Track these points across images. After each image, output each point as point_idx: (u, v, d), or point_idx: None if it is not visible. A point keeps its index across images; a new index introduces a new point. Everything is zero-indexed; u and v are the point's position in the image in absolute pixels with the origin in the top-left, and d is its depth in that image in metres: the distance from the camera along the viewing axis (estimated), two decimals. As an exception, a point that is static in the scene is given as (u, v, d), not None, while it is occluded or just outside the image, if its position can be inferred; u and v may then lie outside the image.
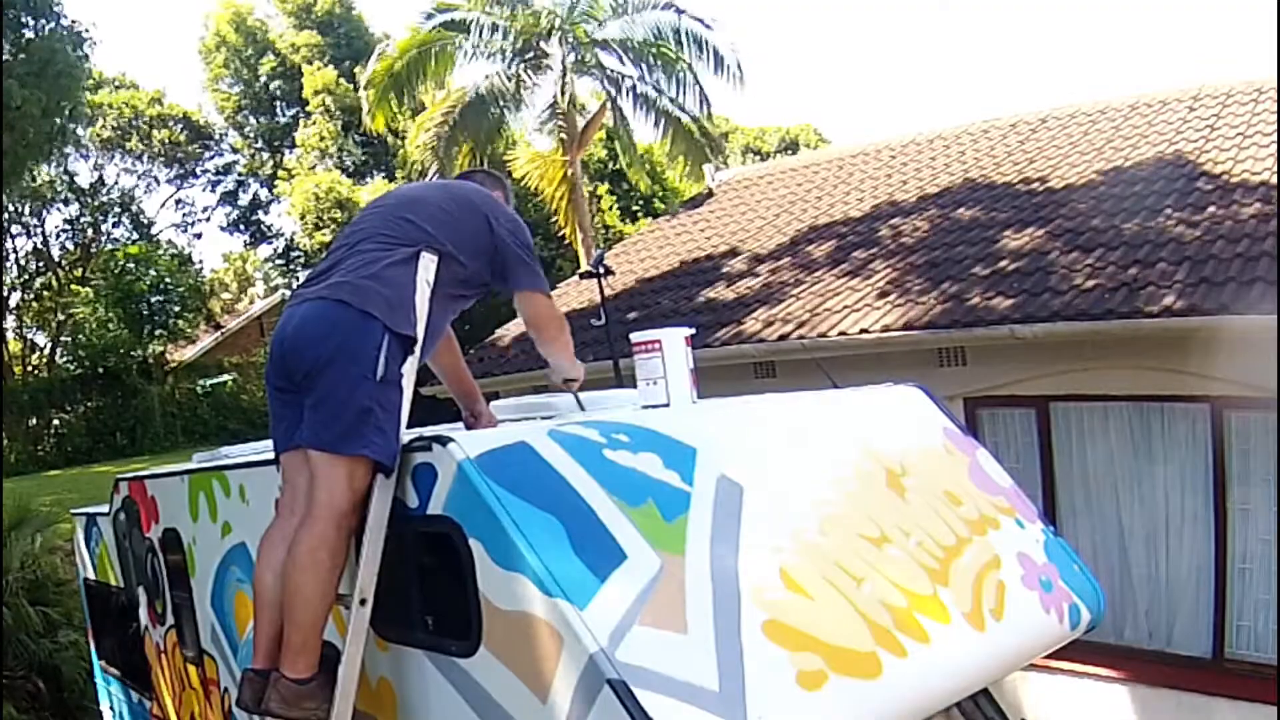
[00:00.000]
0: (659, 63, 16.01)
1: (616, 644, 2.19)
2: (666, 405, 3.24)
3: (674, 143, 16.51)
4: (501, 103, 16.28)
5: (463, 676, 2.54)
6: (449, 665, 2.58)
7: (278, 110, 30.97)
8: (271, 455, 3.17)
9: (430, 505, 2.61)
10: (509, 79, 16.10)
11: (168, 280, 24.96)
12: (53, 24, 13.57)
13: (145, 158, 30.56)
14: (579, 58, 16.31)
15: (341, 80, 28.12)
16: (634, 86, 16.31)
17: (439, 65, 16.00)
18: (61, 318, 26.57)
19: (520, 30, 15.80)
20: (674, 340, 3.28)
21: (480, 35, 15.88)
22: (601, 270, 4.57)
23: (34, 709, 8.22)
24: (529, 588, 2.28)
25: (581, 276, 4.59)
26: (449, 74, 16.25)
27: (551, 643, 2.25)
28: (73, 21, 13.97)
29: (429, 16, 16.12)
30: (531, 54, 16.15)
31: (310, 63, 28.80)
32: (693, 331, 3.39)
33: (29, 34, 13.18)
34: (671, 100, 16.27)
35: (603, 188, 27.26)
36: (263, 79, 30.18)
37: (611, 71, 16.49)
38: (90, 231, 29.67)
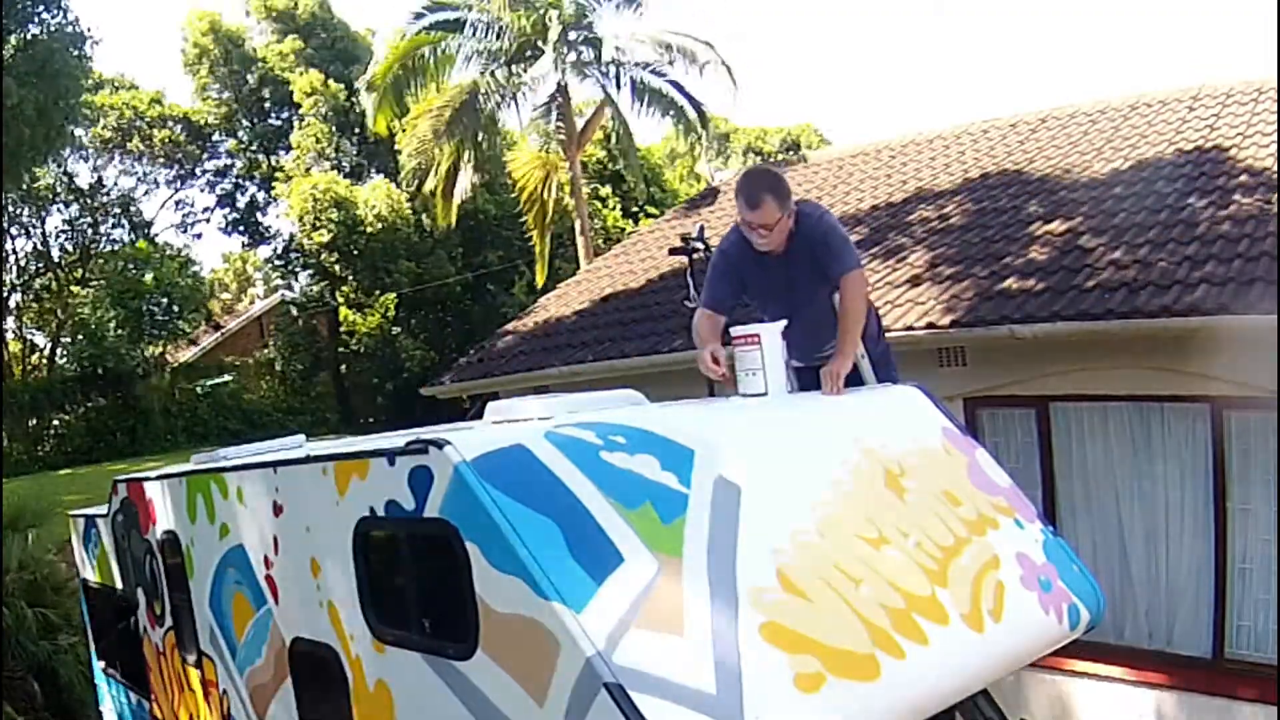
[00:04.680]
0: (663, 55, 16.01)
1: (613, 647, 2.19)
2: (765, 394, 3.44)
3: (680, 135, 16.53)
4: (496, 102, 16.30)
5: (460, 679, 2.53)
6: (446, 668, 2.58)
7: (269, 114, 30.93)
8: (269, 458, 3.18)
9: (427, 508, 2.61)
10: (505, 78, 16.11)
11: (167, 281, 24.96)
12: (57, 18, 13.56)
13: (145, 158, 30.52)
14: (577, 56, 16.31)
15: (330, 82, 28.11)
16: (633, 81, 16.30)
17: (438, 66, 16.00)
18: (61, 318, 26.57)
19: (517, 30, 15.78)
20: (771, 334, 3.53)
21: (476, 34, 15.88)
22: (701, 245, 4.44)
23: (31, 709, 8.22)
24: (525, 591, 2.28)
25: (672, 252, 4.60)
26: (447, 75, 16.27)
27: (548, 646, 2.24)
28: (74, 20, 13.98)
29: (418, 16, 16.13)
30: (529, 53, 16.14)
31: (295, 70, 28.78)
32: (785, 323, 3.64)
33: (33, 29, 13.17)
34: (678, 89, 16.25)
35: (605, 190, 27.30)
36: (250, 85, 30.12)
37: (609, 66, 16.47)
38: (90, 232, 29.65)
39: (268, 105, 30.45)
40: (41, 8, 13.20)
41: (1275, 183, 6.74)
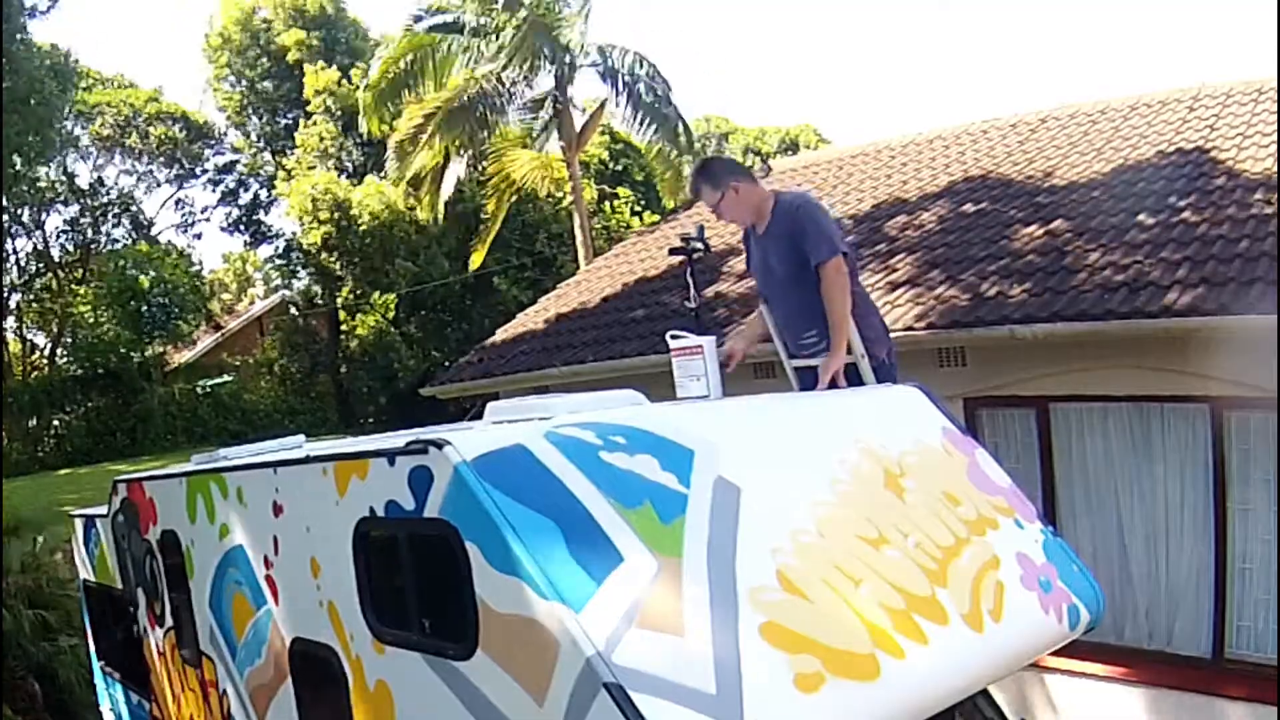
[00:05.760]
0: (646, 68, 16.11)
1: (613, 647, 2.18)
2: (707, 397, 3.75)
3: (665, 143, 16.61)
4: (495, 103, 16.31)
5: (460, 679, 2.53)
6: (446, 668, 2.58)
7: (279, 111, 30.92)
8: (269, 458, 3.18)
9: (427, 508, 2.61)
10: (504, 79, 16.11)
11: (167, 281, 24.97)
12: (29, 54, 13.58)
13: (145, 158, 30.53)
14: (571, 60, 16.31)
15: (343, 81, 28.08)
16: (631, 85, 16.31)
17: (438, 68, 16.01)
18: (61, 318, 26.59)
19: (515, 31, 15.77)
20: (710, 344, 3.93)
21: (475, 37, 15.89)
22: (700, 247, 4.55)
23: (31, 710, 8.22)
24: (526, 591, 2.28)
25: (672, 252, 4.71)
26: (446, 77, 16.27)
27: (548, 646, 2.24)
28: (52, 46, 14.01)
29: (418, 19, 16.17)
30: (528, 54, 16.14)
31: (311, 62, 28.75)
32: (714, 339, 4.03)
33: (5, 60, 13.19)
34: (665, 98, 16.32)
35: (623, 191, 27.33)
36: (265, 79, 30.11)
37: (608, 68, 16.48)
38: (90, 232, 29.66)
39: (278, 101, 30.39)
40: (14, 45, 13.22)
41: (1275, 183, 6.74)
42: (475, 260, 18.84)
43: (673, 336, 4.00)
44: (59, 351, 27.04)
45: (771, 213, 4.27)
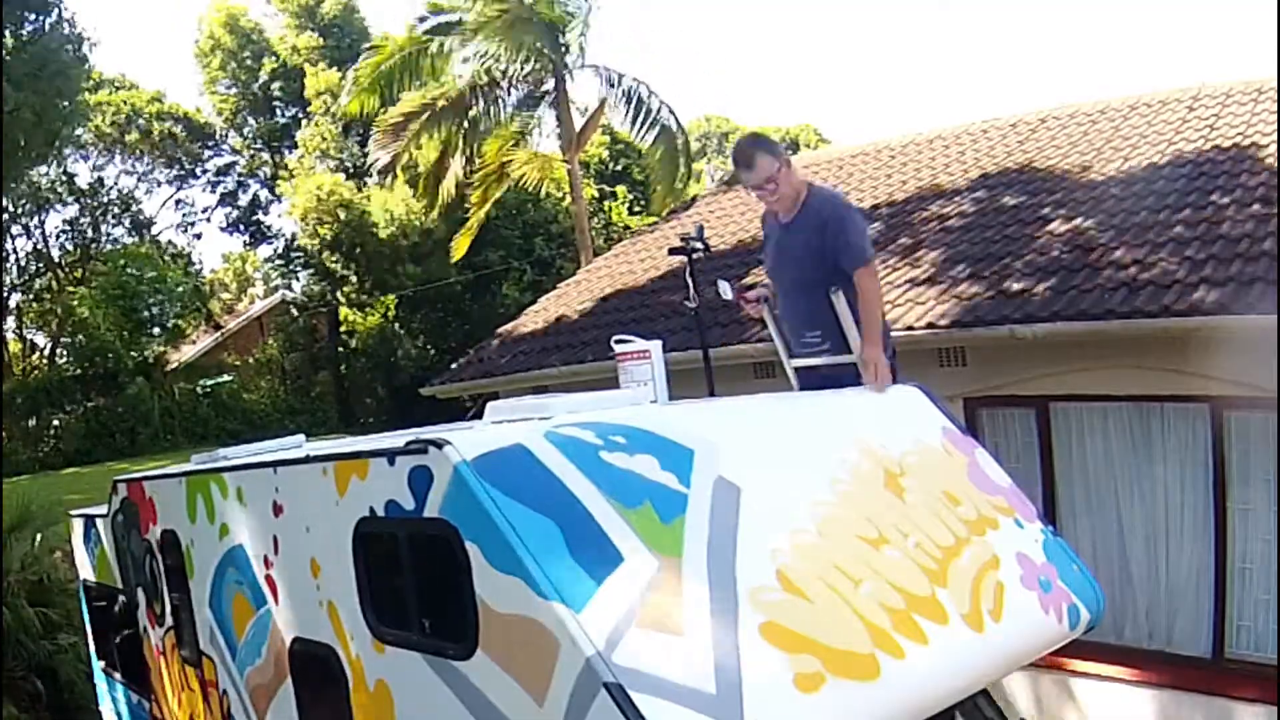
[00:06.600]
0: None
1: (613, 647, 2.19)
2: (655, 401, 3.64)
3: (658, 144, 16.67)
4: (495, 102, 16.31)
5: (460, 679, 2.54)
6: (446, 668, 2.58)
7: (277, 111, 30.91)
8: (269, 458, 3.18)
9: (427, 508, 2.61)
10: (503, 78, 16.11)
11: (167, 280, 24.96)
12: (51, 19, 13.55)
13: (145, 158, 30.52)
14: (571, 62, 16.32)
15: (343, 83, 28.07)
16: (630, 86, 16.33)
17: (434, 65, 16.01)
18: (61, 318, 26.58)
19: (515, 31, 15.76)
20: (658, 349, 3.90)
21: (473, 35, 15.88)
22: (700, 247, 4.54)
23: (33, 709, 8.22)
24: (525, 591, 2.28)
25: (671, 252, 4.70)
26: (443, 74, 16.28)
27: (548, 646, 2.24)
28: (71, 17, 13.99)
29: (422, 19, 16.21)
30: (527, 53, 16.13)
31: (313, 64, 28.74)
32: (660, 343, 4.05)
33: (27, 30, 13.16)
34: (662, 103, 16.38)
35: (621, 190, 27.36)
36: (261, 80, 30.07)
37: (608, 70, 16.51)
38: (90, 232, 29.65)
39: (276, 102, 30.34)
40: (35, 10, 13.20)
41: (1275, 183, 6.74)
42: (458, 250, 18.86)
43: (618, 341, 3.97)
44: (59, 351, 27.04)
45: (803, 204, 4.20)
